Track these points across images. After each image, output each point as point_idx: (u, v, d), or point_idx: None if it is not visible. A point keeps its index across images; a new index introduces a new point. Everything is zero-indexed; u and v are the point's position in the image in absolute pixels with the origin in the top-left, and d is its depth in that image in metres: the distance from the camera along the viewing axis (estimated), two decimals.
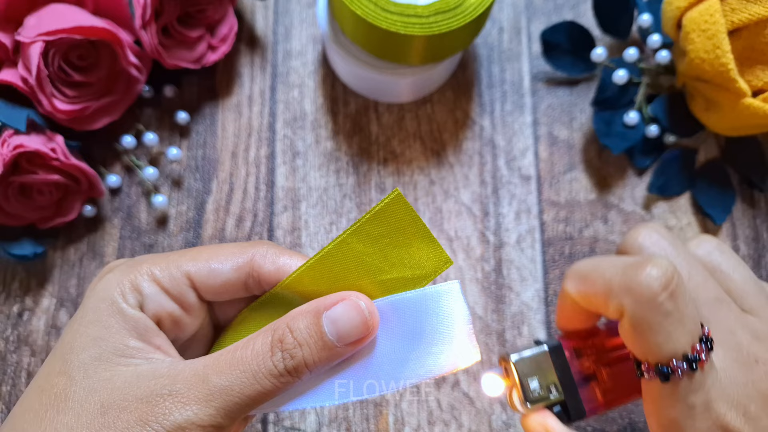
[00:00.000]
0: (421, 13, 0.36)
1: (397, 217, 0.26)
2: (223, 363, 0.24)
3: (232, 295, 0.28)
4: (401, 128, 0.44)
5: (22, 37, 0.36)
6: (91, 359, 0.24)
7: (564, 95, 0.45)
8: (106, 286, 0.26)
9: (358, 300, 0.25)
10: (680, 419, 0.25)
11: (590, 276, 0.27)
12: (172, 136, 0.44)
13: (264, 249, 0.27)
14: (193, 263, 0.27)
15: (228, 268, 0.27)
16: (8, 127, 0.37)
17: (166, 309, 0.26)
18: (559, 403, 0.29)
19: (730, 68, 0.36)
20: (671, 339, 0.24)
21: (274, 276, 0.27)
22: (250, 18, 0.46)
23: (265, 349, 0.24)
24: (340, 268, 0.26)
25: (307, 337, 0.24)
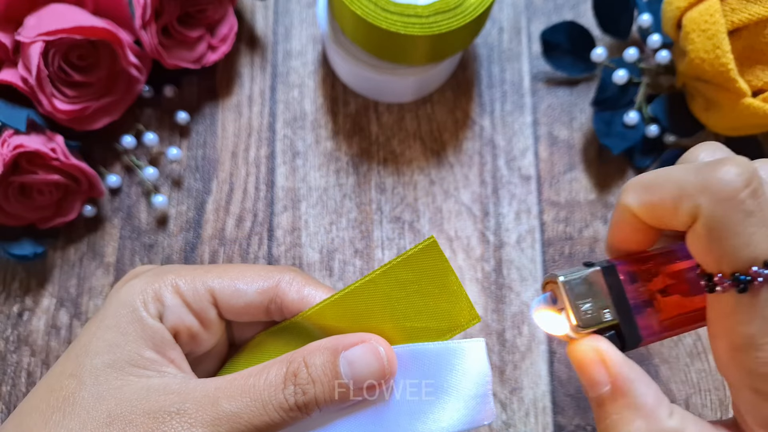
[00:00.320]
0: (421, 13, 0.36)
1: (428, 265, 0.25)
2: (235, 388, 0.24)
3: (252, 317, 0.27)
4: (401, 128, 0.44)
5: (22, 37, 0.36)
6: (104, 365, 0.24)
7: (564, 95, 0.45)
8: (130, 291, 0.26)
9: (378, 345, 0.24)
10: (757, 335, 0.22)
11: (657, 182, 0.24)
12: (172, 136, 0.44)
13: (290, 276, 0.27)
14: (218, 280, 0.27)
15: (253, 291, 0.27)
16: (8, 127, 0.37)
17: (185, 322, 0.26)
18: (613, 327, 0.25)
19: (730, 68, 0.36)
20: (752, 242, 0.21)
21: (297, 305, 0.27)
22: (250, 18, 0.46)
23: (278, 380, 0.24)
24: (364, 308, 0.25)
25: (321, 375, 0.24)
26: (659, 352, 0.40)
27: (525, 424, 0.39)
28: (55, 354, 0.40)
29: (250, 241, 0.42)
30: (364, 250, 0.42)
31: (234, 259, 0.42)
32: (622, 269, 0.26)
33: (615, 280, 0.25)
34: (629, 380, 0.24)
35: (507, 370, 0.40)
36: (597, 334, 0.25)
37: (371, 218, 0.42)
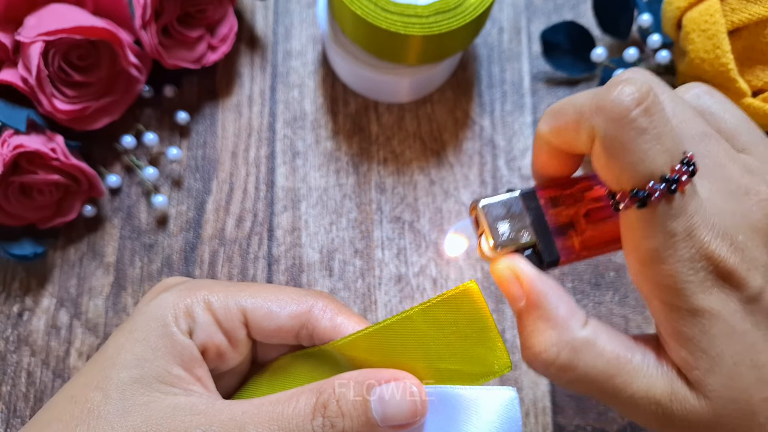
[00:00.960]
0: (421, 13, 0.36)
1: (468, 308, 0.25)
2: (262, 415, 0.23)
3: (281, 340, 0.27)
4: (401, 128, 0.44)
5: (22, 37, 0.36)
6: (131, 380, 0.24)
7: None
8: (161, 305, 0.25)
9: (412, 385, 0.24)
10: (660, 249, 0.22)
11: (562, 107, 0.24)
12: (172, 136, 0.44)
13: (324, 303, 0.27)
14: (251, 300, 0.26)
15: (285, 314, 0.26)
16: (8, 127, 0.37)
17: (214, 341, 0.26)
18: (531, 246, 0.26)
19: (730, 68, 0.36)
20: (647, 158, 0.21)
21: (329, 333, 0.26)
22: (250, 18, 0.46)
23: (308, 410, 0.24)
24: (398, 344, 0.25)
25: (351, 410, 0.24)
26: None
27: (525, 424, 0.39)
28: (55, 354, 0.40)
29: (250, 241, 0.42)
30: (364, 250, 0.42)
31: (234, 259, 0.42)
32: (544, 194, 0.27)
33: (534, 203, 0.26)
34: (542, 294, 0.25)
35: None
36: (516, 252, 0.26)
37: (371, 218, 0.42)
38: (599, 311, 0.41)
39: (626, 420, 0.39)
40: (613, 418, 0.39)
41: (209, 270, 0.41)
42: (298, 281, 0.41)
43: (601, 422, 0.39)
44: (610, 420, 0.39)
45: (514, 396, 0.25)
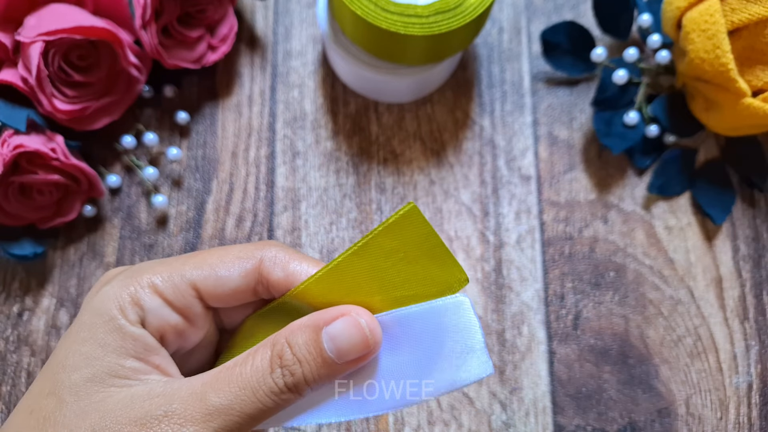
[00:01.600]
0: (421, 13, 0.36)
1: (411, 231, 0.24)
2: (221, 380, 0.23)
3: (240, 301, 0.27)
4: (401, 128, 0.44)
5: (22, 37, 0.36)
6: (84, 380, 0.23)
7: (564, 95, 0.45)
8: (103, 299, 0.25)
9: (359, 317, 0.24)
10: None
11: None
12: (172, 136, 0.44)
13: (273, 252, 0.26)
14: (198, 271, 0.25)
15: (236, 275, 0.26)
16: (8, 127, 0.37)
17: (169, 323, 0.25)
18: None
19: (730, 68, 0.36)
20: None
21: (284, 283, 0.26)
22: (250, 18, 0.46)
23: (265, 365, 0.23)
24: (351, 281, 0.25)
25: (306, 354, 0.24)
26: (659, 352, 0.40)
27: (525, 424, 0.39)
28: None
29: (250, 241, 0.42)
30: None
31: None
32: None
33: None
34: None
35: (507, 371, 0.40)
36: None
37: (371, 218, 0.42)
38: (599, 311, 0.41)
39: (626, 420, 0.39)
40: (613, 418, 0.39)
41: None
42: None
43: (601, 422, 0.39)
44: (610, 420, 0.39)
45: (464, 300, 0.25)
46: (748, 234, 0.42)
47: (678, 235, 0.42)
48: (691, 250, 0.42)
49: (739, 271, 0.42)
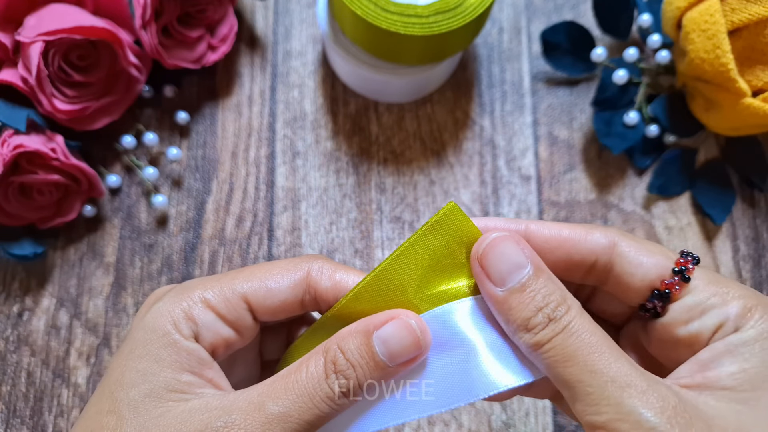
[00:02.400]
0: (421, 13, 0.36)
1: (455, 227, 0.25)
2: (278, 389, 0.23)
3: (288, 314, 0.27)
4: (401, 128, 0.44)
5: (22, 37, 0.36)
6: (142, 396, 0.23)
7: (564, 95, 0.45)
8: (156, 316, 0.25)
9: (408, 318, 0.24)
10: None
11: None
12: (172, 136, 0.44)
13: (319, 264, 0.27)
14: (248, 284, 0.26)
15: (285, 287, 0.26)
16: (8, 127, 0.37)
17: (222, 336, 0.25)
18: None
19: (730, 68, 0.36)
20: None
21: (332, 292, 0.26)
22: (250, 18, 0.46)
23: (320, 371, 0.24)
24: (397, 283, 0.25)
25: (359, 358, 0.24)
26: None
27: (525, 424, 0.39)
28: (55, 354, 0.40)
29: (250, 241, 0.42)
30: (364, 250, 0.42)
31: (234, 259, 0.42)
32: None
33: None
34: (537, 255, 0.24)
35: None
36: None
37: (371, 218, 0.42)
38: None
39: None
40: None
41: (209, 270, 0.41)
42: None
43: None
44: None
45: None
46: (748, 234, 0.42)
47: (678, 235, 0.42)
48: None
49: (739, 271, 0.42)
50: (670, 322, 0.24)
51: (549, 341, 0.22)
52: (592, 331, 0.22)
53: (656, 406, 0.20)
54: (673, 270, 0.24)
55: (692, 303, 0.24)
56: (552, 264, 0.25)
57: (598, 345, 0.22)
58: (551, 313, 0.22)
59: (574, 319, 0.22)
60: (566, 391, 0.22)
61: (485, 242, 0.24)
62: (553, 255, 0.25)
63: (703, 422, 0.21)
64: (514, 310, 0.23)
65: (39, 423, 0.39)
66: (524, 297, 0.23)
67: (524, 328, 0.23)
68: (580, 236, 0.25)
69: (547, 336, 0.22)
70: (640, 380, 0.21)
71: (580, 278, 0.26)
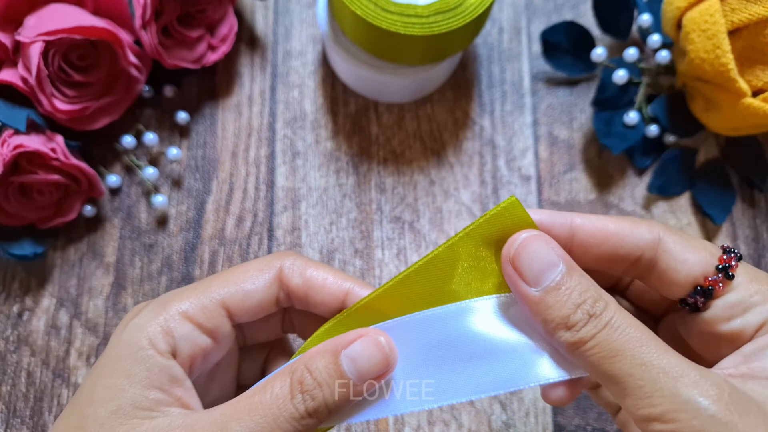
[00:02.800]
0: (421, 13, 0.36)
1: (512, 222, 0.24)
2: (241, 409, 0.23)
3: (266, 312, 0.27)
4: (401, 128, 0.44)
5: (22, 37, 0.36)
6: (109, 413, 0.23)
7: (564, 95, 0.45)
8: (132, 331, 0.25)
9: (377, 336, 0.24)
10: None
11: None
12: (172, 136, 0.44)
13: (290, 261, 0.27)
14: (224, 289, 0.26)
15: (261, 287, 0.26)
16: (8, 127, 0.37)
17: (200, 346, 0.25)
18: None
19: (730, 68, 0.36)
20: None
21: (302, 289, 0.26)
22: (250, 18, 0.46)
23: (285, 392, 0.23)
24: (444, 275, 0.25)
25: (326, 377, 0.23)
26: None
27: (525, 424, 0.39)
28: (55, 354, 0.40)
29: (250, 241, 0.42)
30: (364, 250, 0.42)
31: (234, 259, 0.42)
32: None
33: None
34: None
35: None
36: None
37: (371, 218, 0.42)
38: None
39: None
40: None
41: (209, 270, 0.41)
42: None
43: (601, 422, 0.39)
44: (610, 420, 0.39)
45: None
46: (748, 234, 0.42)
47: None
48: None
49: None
50: (713, 318, 0.24)
51: (592, 338, 0.22)
52: (635, 325, 0.22)
53: (712, 394, 0.20)
54: (716, 267, 0.24)
55: (735, 300, 0.24)
56: (597, 257, 0.25)
57: (644, 338, 0.22)
58: (590, 309, 0.22)
59: (615, 314, 0.22)
60: (613, 386, 0.22)
61: (516, 243, 0.24)
62: (598, 249, 0.25)
63: (757, 407, 0.21)
64: (552, 308, 0.22)
65: (39, 423, 0.39)
66: (561, 295, 0.22)
67: (564, 326, 0.22)
68: (625, 231, 0.25)
69: (590, 332, 0.22)
70: (692, 370, 0.21)
71: (623, 272, 0.26)
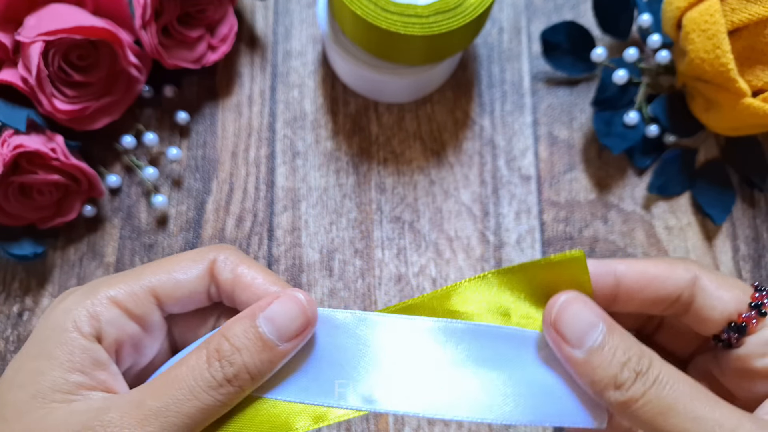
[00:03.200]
0: (421, 13, 0.36)
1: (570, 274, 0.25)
2: (158, 385, 0.23)
3: (197, 304, 0.26)
4: (401, 128, 0.44)
5: (22, 37, 0.36)
6: (28, 397, 0.23)
7: (564, 95, 0.45)
8: (57, 315, 0.24)
9: (295, 293, 0.24)
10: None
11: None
12: (172, 136, 0.44)
13: (225, 255, 0.26)
14: (155, 277, 0.25)
15: (193, 277, 0.26)
16: (8, 127, 0.37)
17: (127, 332, 0.25)
18: None
19: (730, 68, 0.36)
20: None
21: (230, 284, 0.26)
22: (250, 18, 0.46)
23: (201, 361, 0.23)
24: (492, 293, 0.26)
25: (244, 341, 0.23)
26: None
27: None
28: None
29: (250, 241, 0.42)
30: (364, 250, 0.42)
31: None
32: None
33: None
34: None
35: None
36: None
37: (371, 218, 0.42)
38: None
39: None
40: None
41: None
42: (298, 281, 0.41)
43: None
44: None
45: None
46: (748, 234, 0.42)
47: (678, 235, 0.42)
48: (691, 250, 0.42)
49: (739, 271, 0.42)
50: (747, 354, 0.25)
51: (642, 395, 0.22)
52: (682, 379, 0.22)
53: None
54: (750, 304, 0.25)
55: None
56: (641, 301, 0.25)
57: (694, 391, 0.22)
58: (636, 366, 0.22)
59: (661, 370, 0.22)
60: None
61: (556, 306, 0.24)
62: (642, 294, 0.25)
63: None
64: (599, 369, 0.22)
65: None
66: (605, 355, 0.22)
67: (612, 386, 0.22)
68: (666, 273, 0.25)
69: (640, 391, 0.22)
70: (746, 421, 0.21)
71: (663, 310, 0.26)
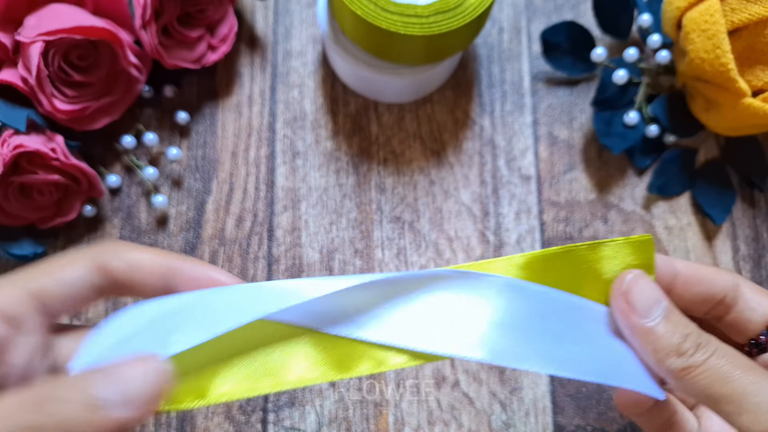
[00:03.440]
0: (421, 13, 0.36)
1: (636, 257, 0.27)
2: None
3: (85, 300, 0.25)
4: (401, 128, 0.44)
5: (22, 37, 0.36)
6: None
7: (564, 95, 0.45)
8: None
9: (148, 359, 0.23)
10: None
11: None
12: (172, 136, 0.44)
13: (111, 246, 0.26)
14: (33, 276, 0.24)
15: (75, 273, 0.25)
16: (8, 127, 0.37)
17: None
18: None
19: (730, 68, 0.36)
20: None
21: (124, 271, 0.25)
22: (250, 18, 0.46)
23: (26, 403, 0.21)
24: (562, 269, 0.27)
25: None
26: None
27: (525, 424, 0.39)
28: None
29: (250, 241, 0.42)
30: (364, 250, 0.42)
31: (234, 259, 0.42)
32: None
33: None
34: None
35: (507, 370, 0.40)
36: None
37: (371, 218, 0.42)
38: None
39: (626, 420, 0.39)
40: (613, 418, 0.39)
41: None
42: None
43: (601, 422, 0.39)
44: (610, 420, 0.39)
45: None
46: (748, 234, 0.42)
47: (678, 235, 0.42)
48: (691, 250, 0.42)
49: (739, 271, 0.42)
50: None
51: (703, 363, 0.24)
52: (738, 353, 0.25)
53: None
54: None
55: None
56: (693, 296, 0.28)
57: (751, 364, 0.25)
58: (696, 339, 0.25)
59: (720, 345, 0.25)
60: (727, 405, 0.24)
61: (627, 280, 0.26)
62: (695, 288, 0.28)
63: None
64: (663, 338, 0.25)
65: None
66: (669, 326, 0.25)
67: (675, 353, 0.25)
68: (715, 273, 0.28)
69: (701, 358, 0.24)
70: None
71: (707, 311, 0.28)
